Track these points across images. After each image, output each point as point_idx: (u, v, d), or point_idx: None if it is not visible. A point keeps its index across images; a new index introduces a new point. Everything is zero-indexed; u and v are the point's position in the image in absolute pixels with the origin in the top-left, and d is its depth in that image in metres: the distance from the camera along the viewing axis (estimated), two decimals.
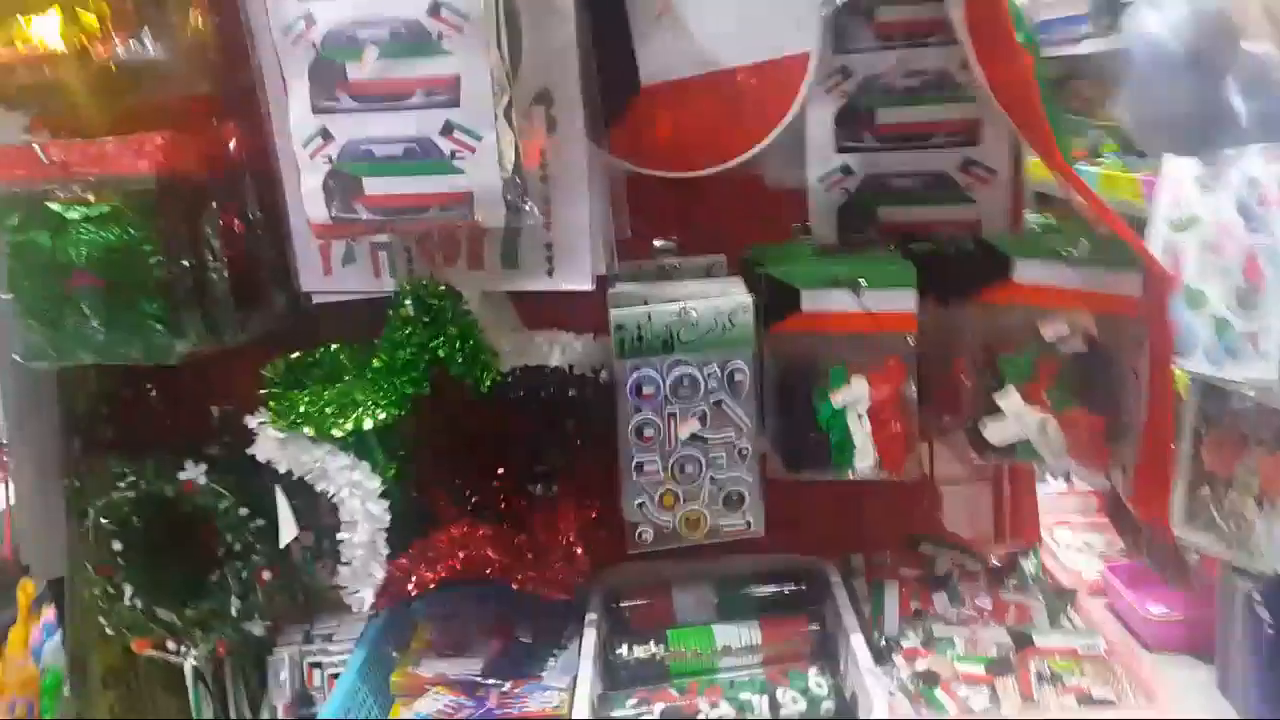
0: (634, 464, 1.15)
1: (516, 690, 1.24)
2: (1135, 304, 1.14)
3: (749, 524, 1.19)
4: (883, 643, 1.26)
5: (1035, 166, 1.20)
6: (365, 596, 1.20)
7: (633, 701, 1.16)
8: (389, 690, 1.27)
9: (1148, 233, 1.57)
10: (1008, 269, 1.16)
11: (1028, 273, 1.15)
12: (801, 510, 1.30)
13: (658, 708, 1.15)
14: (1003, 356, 1.18)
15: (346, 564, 1.19)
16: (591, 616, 1.28)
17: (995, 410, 1.18)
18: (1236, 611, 2.43)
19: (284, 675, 1.29)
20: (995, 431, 1.17)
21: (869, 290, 1.15)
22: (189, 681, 1.27)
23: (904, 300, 1.15)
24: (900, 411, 1.18)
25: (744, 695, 1.16)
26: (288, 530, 1.19)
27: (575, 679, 1.17)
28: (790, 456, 1.20)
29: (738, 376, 1.15)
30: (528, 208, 1.06)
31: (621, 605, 1.33)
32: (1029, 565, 1.41)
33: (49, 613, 1.78)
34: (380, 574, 1.19)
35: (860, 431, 1.18)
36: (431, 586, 1.19)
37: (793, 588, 1.35)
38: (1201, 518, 1.73)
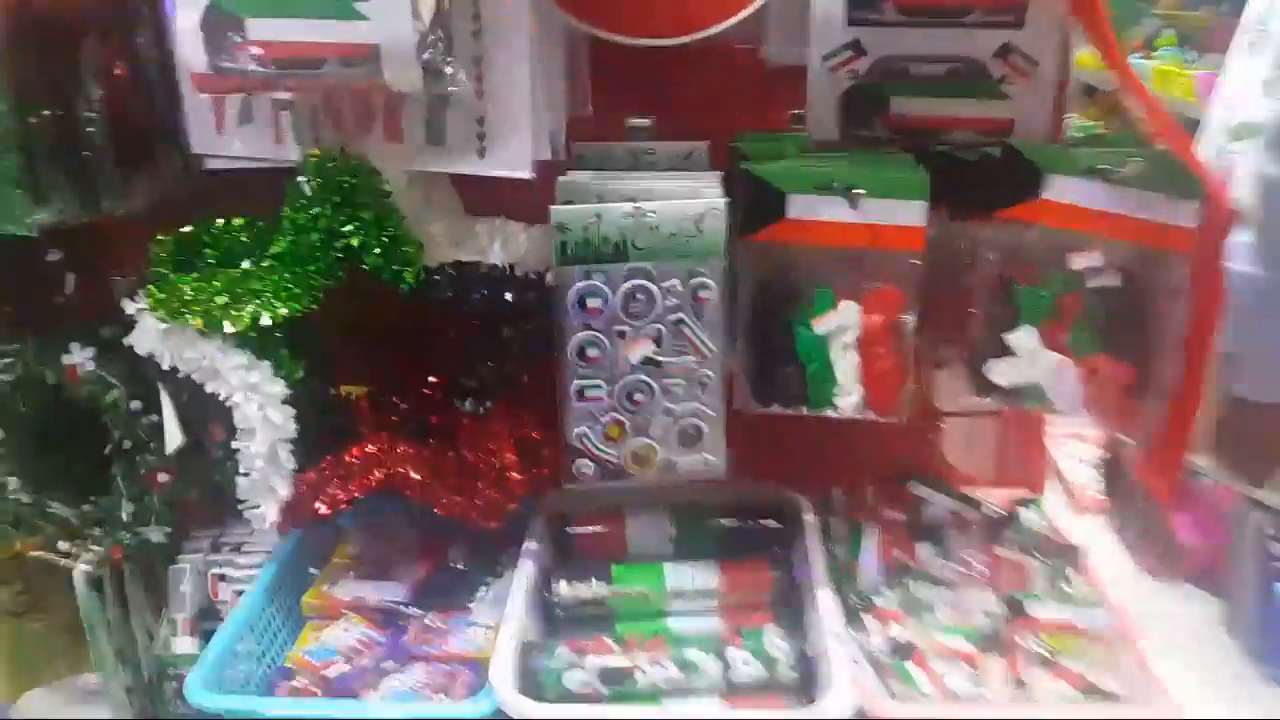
0: (575, 388, 0.98)
1: (440, 624, 1.11)
2: (1187, 238, 0.94)
3: (707, 462, 1.03)
4: (854, 600, 1.11)
5: (1085, 58, 0.98)
6: (266, 513, 1.05)
7: (563, 651, 1.03)
8: (301, 611, 1.15)
9: (1199, 138, 1.34)
10: (1038, 184, 0.95)
11: (1062, 190, 0.95)
12: (779, 435, 1.13)
13: (591, 662, 1.01)
14: (1021, 287, 0.99)
15: (245, 475, 1.04)
16: (530, 545, 1.13)
17: (1004, 347, 0.99)
18: (1248, 547, 2.29)
19: (185, 586, 1.16)
20: (1002, 372, 0.99)
21: (870, 199, 0.95)
22: (80, 588, 1.15)
23: (912, 214, 0.95)
24: (894, 344, 1.00)
25: (691, 654, 1.02)
26: (174, 435, 1.03)
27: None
28: (760, 388, 1.03)
29: (703, 292, 0.97)
30: (449, 71, 0.86)
31: (569, 531, 1.19)
32: (1031, 517, 1.24)
33: None
34: (284, 489, 1.05)
35: (844, 365, 1.00)
36: (342, 507, 1.05)
37: (761, 524, 1.20)
38: (1226, 448, 1.57)
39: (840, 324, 0.99)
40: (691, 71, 1.05)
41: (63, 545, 1.15)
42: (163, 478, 1.12)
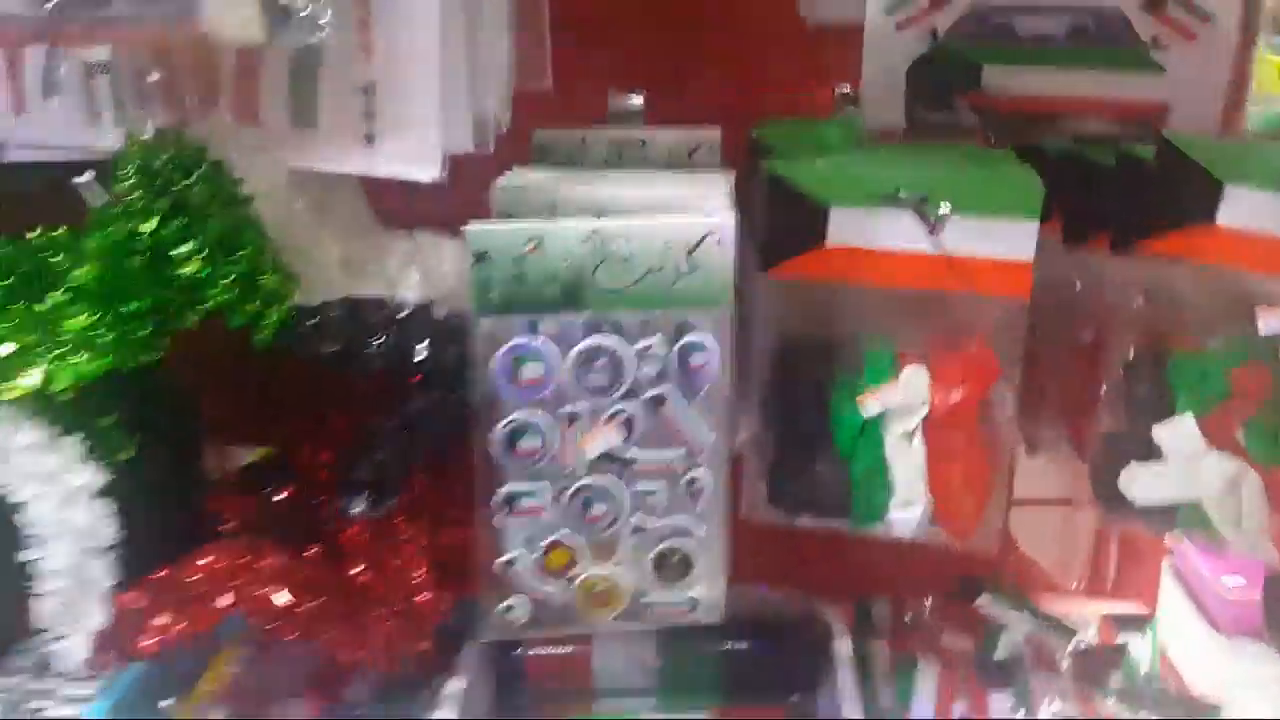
0: (503, 495, 0.66)
1: None
2: None
3: (695, 605, 0.71)
4: None
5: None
6: (74, 649, 0.74)
7: None
8: None
9: None
10: (1211, 202, 0.63)
11: (1245, 210, 0.62)
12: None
13: None
14: (1178, 356, 0.66)
15: (43, 595, 0.73)
16: (455, 686, 0.81)
17: (1147, 446, 0.67)
18: None
19: None
20: (1145, 484, 0.67)
21: (954, 216, 0.63)
22: None
23: (1016, 240, 0.63)
24: (981, 432, 0.68)
25: None
26: None
27: None
28: (781, 490, 0.71)
29: (696, 356, 0.65)
30: (308, 12, 0.55)
31: (516, 655, 0.87)
32: (1141, 651, 0.92)
33: None
34: (98, 615, 0.73)
35: (905, 463, 0.68)
36: (175, 645, 0.74)
37: (775, 652, 0.88)
38: None
39: (902, 401, 0.67)
40: (702, 32, 0.74)
41: None
42: None
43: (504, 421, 0.64)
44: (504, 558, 0.66)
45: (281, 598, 0.73)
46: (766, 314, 0.69)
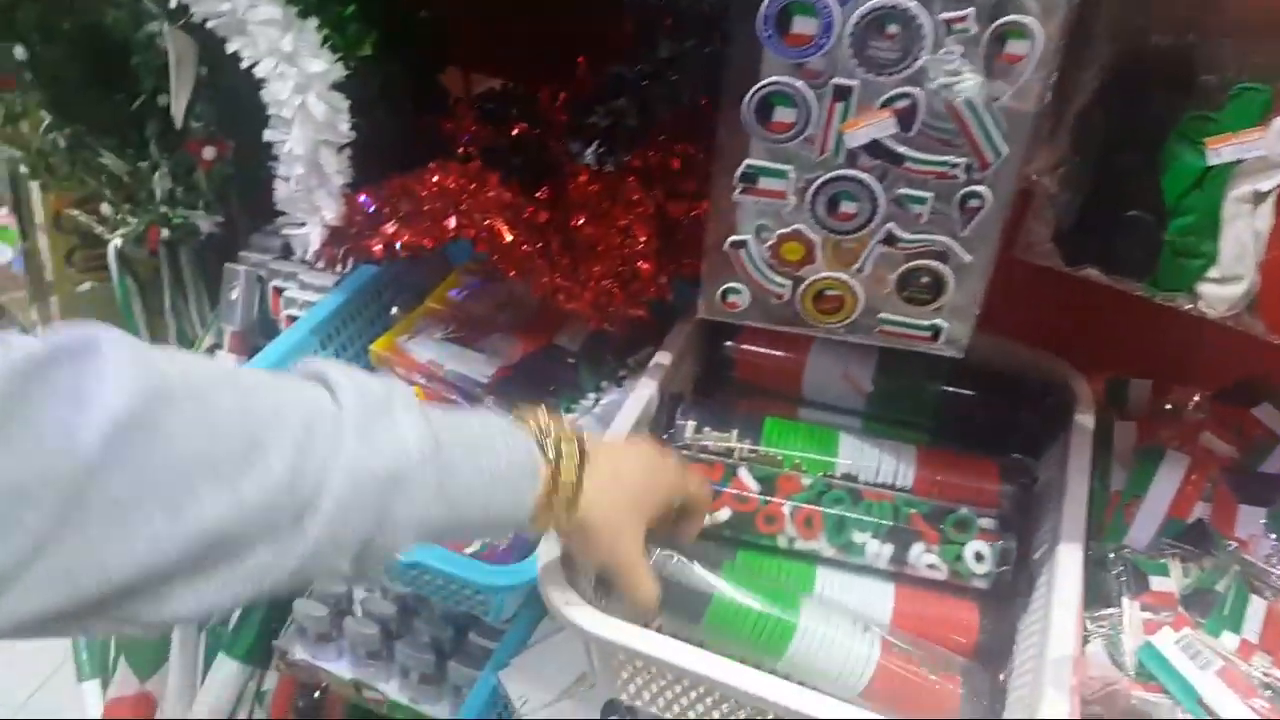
0: (743, 170, 0.58)
1: None
2: None
3: (936, 333, 0.62)
4: (1117, 566, 0.72)
5: None
6: (310, 236, 0.76)
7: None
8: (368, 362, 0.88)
9: None
10: None
11: None
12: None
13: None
14: None
15: (283, 180, 0.74)
16: (661, 359, 0.79)
17: None
18: None
19: (236, 293, 0.91)
20: None
21: None
22: (112, 265, 0.92)
23: None
24: None
25: (858, 534, 0.68)
26: (178, 109, 0.73)
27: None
28: (1073, 234, 0.59)
29: (1015, 44, 0.51)
30: None
31: (729, 346, 0.83)
32: None
33: None
34: (331, 210, 0.74)
35: (1240, 229, 0.54)
36: (399, 252, 0.73)
37: (1000, 404, 0.80)
38: None
39: (1264, 154, 0.53)
40: None
41: (106, 210, 0.92)
42: (208, 153, 0.83)
43: (759, 85, 0.54)
44: (734, 238, 0.59)
45: (505, 232, 0.71)
46: (1111, 13, 0.54)
